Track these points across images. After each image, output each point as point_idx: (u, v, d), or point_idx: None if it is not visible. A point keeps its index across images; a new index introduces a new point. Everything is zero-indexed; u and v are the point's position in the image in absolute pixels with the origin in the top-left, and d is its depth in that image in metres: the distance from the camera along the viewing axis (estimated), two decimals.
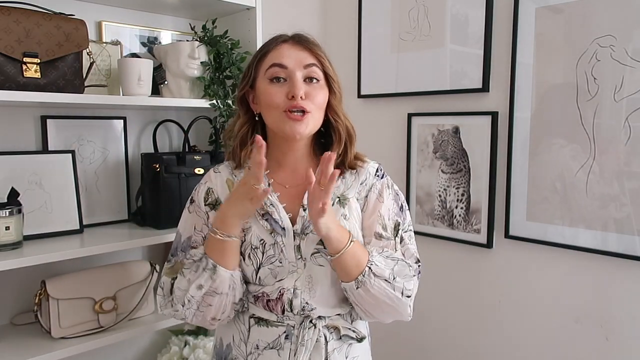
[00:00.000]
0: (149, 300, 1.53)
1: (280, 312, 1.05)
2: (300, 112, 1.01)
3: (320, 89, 1.05)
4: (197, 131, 1.77)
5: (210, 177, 1.14)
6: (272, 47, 1.06)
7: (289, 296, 1.03)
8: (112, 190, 1.64)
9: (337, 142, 1.09)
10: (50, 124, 1.51)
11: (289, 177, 1.10)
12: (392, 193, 1.13)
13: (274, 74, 1.03)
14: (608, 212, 1.44)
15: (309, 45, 1.06)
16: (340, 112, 1.10)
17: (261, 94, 1.05)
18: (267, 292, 1.05)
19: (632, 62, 1.37)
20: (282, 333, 1.05)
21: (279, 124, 1.03)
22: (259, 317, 1.07)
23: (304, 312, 1.04)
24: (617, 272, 1.46)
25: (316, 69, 1.05)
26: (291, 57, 1.04)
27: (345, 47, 2.08)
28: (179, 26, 1.77)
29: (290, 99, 1.01)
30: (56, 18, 1.31)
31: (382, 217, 1.09)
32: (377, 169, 1.14)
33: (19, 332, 1.41)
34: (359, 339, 1.09)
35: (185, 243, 1.11)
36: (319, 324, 1.05)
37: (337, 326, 1.07)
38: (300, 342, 1.03)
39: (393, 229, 1.10)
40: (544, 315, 1.62)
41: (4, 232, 1.27)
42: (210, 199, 1.11)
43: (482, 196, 1.71)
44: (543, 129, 1.56)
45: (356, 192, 1.10)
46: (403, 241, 1.10)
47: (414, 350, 1.95)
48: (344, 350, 1.08)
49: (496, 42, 1.65)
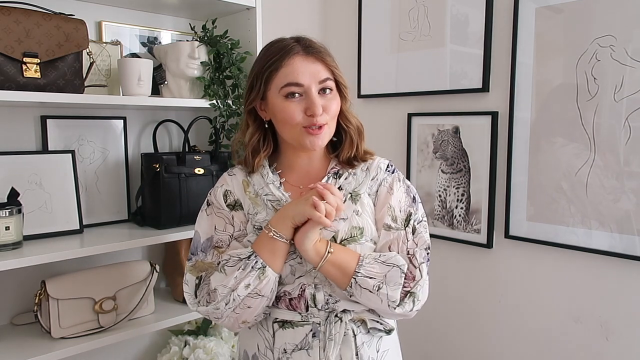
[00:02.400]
0: (149, 300, 1.52)
1: (304, 310, 1.05)
2: (318, 127, 1.03)
3: (333, 98, 1.06)
4: (197, 131, 1.77)
5: (226, 180, 1.15)
6: (284, 62, 1.03)
7: (311, 291, 1.04)
8: (112, 190, 1.63)
9: (349, 145, 1.11)
10: (50, 124, 1.51)
11: (302, 178, 1.12)
12: (403, 186, 1.14)
13: (290, 91, 1.03)
14: (608, 212, 1.44)
15: (322, 57, 1.05)
16: (351, 117, 1.12)
17: (277, 111, 1.05)
18: (289, 291, 1.05)
19: (632, 62, 1.37)
20: (309, 332, 1.04)
21: (297, 138, 1.05)
22: (283, 319, 1.06)
23: (328, 306, 1.04)
24: (617, 272, 1.46)
25: (330, 82, 1.06)
26: (306, 74, 1.03)
27: (345, 47, 2.08)
28: (179, 26, 1.77)
29: (309, 116, 1.02)
30: (56, 18, 1.31)
31: (392, 209, 1.10)
32: (387, 164, 1.15)
33: (19, 332, 1.41)
34: (387, 330, 1.09)
35: (205, 244, 1.12)
36: (345, 318, 1.04)
37: (364, 319, 1.07)
38: (329, 337, 1.03)
39: (404, 220, 1.10)
40: (544, 315, 1.62)
41: (4, 232, 1.27)
42: (229, 200, 1.12)
43: (482, 196, 1.71)
44: (543, 129, 1.56)
45: (367, 188, 1.11)
46: (416, 231, 1.10)
47: (414, 350, 1.95)
48: (374, 344, 1.08)
49: (496, 42, 1.65)
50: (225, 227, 1.11)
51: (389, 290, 1.02)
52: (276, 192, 1.09)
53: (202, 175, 1.59)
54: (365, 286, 1.01)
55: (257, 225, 1.08)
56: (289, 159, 1.13)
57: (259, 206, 1.09)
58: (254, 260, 1.01)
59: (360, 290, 1.02)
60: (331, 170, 1.12)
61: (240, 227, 1.11)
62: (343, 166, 1.12)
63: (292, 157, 1.13)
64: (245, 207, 1.11)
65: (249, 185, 1.12)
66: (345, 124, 1.11)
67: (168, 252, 1.75)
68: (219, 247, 1.10)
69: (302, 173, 1.12)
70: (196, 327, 1.73)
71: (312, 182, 1.10)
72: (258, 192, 1.10)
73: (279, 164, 1.14)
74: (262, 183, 1.10)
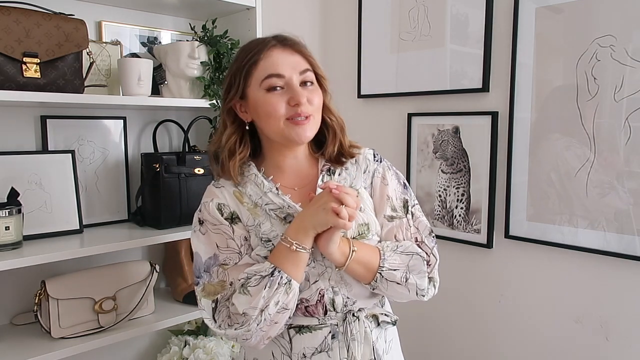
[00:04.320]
0: (149, 300, 1.53)
1: (322, 314, 1.03)
2: (304, 117, 1.02)
3: (315, 91, 1.06)
4: (197, 131, 1.77)
5: (215, 193, 1.09)
6: (262, 55, 1.02)
7: (330, 295, 1.03)
8: (112, 190, 1.63)
9: (332, 139, 1.11)
10: (50, 124, 1.51)
11: (294, 179, 1.11)
12: (394, 173, 1.15)
13: (272, 84, 1.02)
14: (608, 211, 1.44)
15: (298, 48, 1.06)
16: (334, 110, 1.11)
17: (259, 105, 1.03)
18: (306, 298, 1.03)
19: (632, 62, 1.37)
20: (328, 334, 1.04)
21: (283, 132, 1.03)
22: (299, 325, 1.04)
23: (346, 308, 1.05)
24: (617, 272, 1.45)
25: (310, 73, 1.06)
26: (285, 65, 1.02)
27: (345, 47, 2.08)
28: (179, 26, 1.77)
29: (293, 106, 1.01)
30: (56, 18, 1.31)
31: (390, 199, 1.11)
32: (373, 154, 1.15)
33: (19, 332, 1.41)
34: (393, 321, 1.11)
35: (207, 263, 1.06)
36: (361, 316, 1.05)
37: (375, 314, 1.08)
38: (351, 337, 1.03)
39: (402, 207, 1.12)
40: (544, 315, 1.62)
41: (4, 232, 1.27)
42: (226, 214, 1.06)
43: (482, 196, 1.71)
44: (543, 129, 1.56)
45: (362, 182, 1.12)
46: (414, 215, 1.12)
47: (414, 350, 1.95)
48: (383, 336, 1.09)
49: (496, 42, 1.65)
50: (228, 243, 1.06)
51: (417, 280, 1.04)
52: (276, 199, 1.05)
53: (202, 175, 1.59)
54: (392, 279, 1.03)
55: (265, 238, 1.03)
56: (275, 160, 1.10)
57: (260, 217, 1.05)
58: (278, 276, 0.97)
59: (386, 284, 1.03)
60: (323, 168, 1.11)
61: (241, 241, 1.05)
62: (333, 164, 1.12)
63: (278, 158, 1.10)
64: (244, 219, 1.06)
65: (243, 195, 1.07)
66: (329, 117, 1.10)
67: (168, 252, 1.75)
68: (225, 264, 1.05)
69: (292, 174, 1.11)
70: (196, 327, 1.73)
71: (304, 182, 1.10)
72: (257, 203, 1.06)
73: (267, 167, 1.10)
74: (259, 192, 1.06)
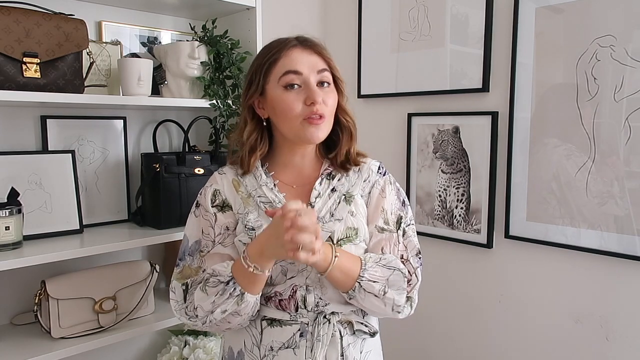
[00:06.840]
0: (149, 300, 1.52)
1: (294, 310, 1.05)
2: (319, 116, 1.03)
3: (331, 92, 1.07)
4: (197, 131, 1.77)
5: (216, 179, 1.14)
6: (283, 54, 1.05)
7: (302, 293, 1.04)
8: (112, 190, 1.63)
9: (347, 140, 1.12)
10: (50, 124, 1.51)
11: (295, 177, 1.13)
12: (394, 189, 1.16)
13: (290, 81, 1.04)
14: (608, 212, 1.44)
15: (318, 49, 1.08)
16: (350, 112, 1.12)
17: (276, 103, 1.05)
18: (280, 291, 1.05)
19: (632, 62, 1.37)
20: (297, 331, 1.05)
21: (297, 130, 1.04)
22: (272, 318, 1.06)
23: (317, 308, 1.05)
24: (617, 272, 1.46)
25: (327, 74, 1.07)
26: (304, 63, 1.04)
27: (345, 47, 2.08)
28: (179, 26, 1.77)
29: (309, 105, 1.03)
30: (56, 18, 1.31)
31: (385, 212, 1.11)
32: (378, 167, 1.17)
33: (19, 332, 1.41)
34: (372, 333, 1.10)
35: (192, 247, 1.11)
36: (333, 319, 1.05)
37: (351, 321, 1.07)
38: (317, 337, 1.03)
39: (395, 223, 1.12)
40: (544, 315, 1.62)
41: (4, 232, 1.27)
42: (217, 201, 1.11)
43: (482, 196, 1.71)
44: (543, 129, 1.56)
45: (360, 189, 1.12)
46: (406, 234, 1.12)
47: (414, 350, 1.95)
48: (358, 345, 1.09)
49: (496, 42, 1.65)
50: (208, 231, 1.10)
51: (395, 295, 1.04)
52: (269, 193, 1.09)
53: (202, 175, 1.59)
54: (370, 290, 1.02)
55: (250, 226, 1.06)
56: (284, 157, 1.13)
57: (250, 206, 1.09)
58: (232, 287, 0.99)
59: (364, 294, 1.02)
60: (324, 171, 1.12)
61: (221, 230, 1.09)
62: (336, 168, 1.13)
63: (287, 155, 1.12)
64: (235, 207, 1.10)
65: (240, 185, 1.11)
66: (344, 118, 1.11)
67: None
68: (202, 251, 1.09)
69: (295, 172, 1.13)
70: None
71: (304, 181, 1.12)
72: (251, 194, 1.10)
73: (272, 163, 1.14)
74: (255, 185, 1.10)
